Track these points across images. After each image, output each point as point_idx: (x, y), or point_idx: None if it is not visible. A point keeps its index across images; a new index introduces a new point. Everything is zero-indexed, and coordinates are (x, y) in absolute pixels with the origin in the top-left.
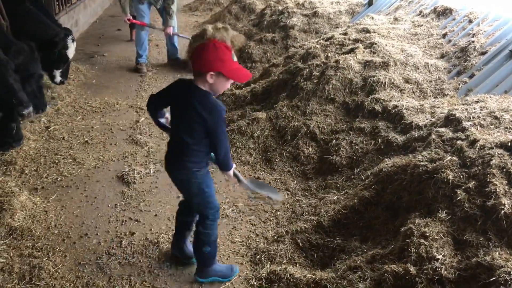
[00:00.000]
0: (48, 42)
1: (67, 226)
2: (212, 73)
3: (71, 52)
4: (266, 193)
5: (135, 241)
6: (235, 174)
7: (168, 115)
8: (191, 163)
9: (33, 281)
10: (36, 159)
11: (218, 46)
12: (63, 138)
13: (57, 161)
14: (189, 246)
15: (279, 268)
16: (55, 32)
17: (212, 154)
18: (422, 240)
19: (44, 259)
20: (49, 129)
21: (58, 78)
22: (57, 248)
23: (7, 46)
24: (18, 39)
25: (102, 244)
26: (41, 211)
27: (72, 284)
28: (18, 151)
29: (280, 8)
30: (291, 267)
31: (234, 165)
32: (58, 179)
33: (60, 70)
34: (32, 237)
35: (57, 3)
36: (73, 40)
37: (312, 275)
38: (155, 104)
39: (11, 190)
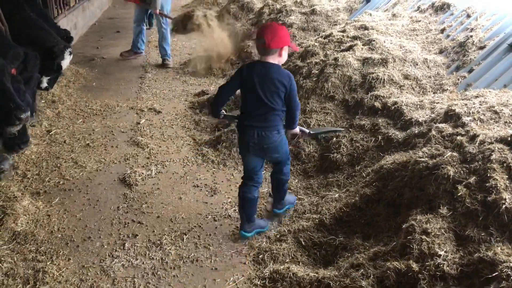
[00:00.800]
0: (47, 52)
1: (70, 229)
2: (286, 46)
3: (65, 63)
4: (330, 130)
5: (138, 243)
6: (300, 129)
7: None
8: (278, 126)
9: (37, 285)
10: (38, 163)
11: (279, 24)
12: (65, 141)
13: (59, 165)
14: (258, 219)
15: (282, 267)
16: (55, 41)
17: None
18: (424, 237)
19: (48, 263)
20: (50, 133)
21: (44, 84)
22: (60, 252)
23: (5, 50)
24: (18, 44)
25: (105, 246)
26: (44, 215)
27: (76, 287)
28: (20, 155)
29: (278, 6)
30: (294, 266)
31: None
32: (60, 182)
33: (49, 78)
34: (36, 241)
35: (55, 6)
36: (70, 53)
37: (315, 274)
38: (226, 95)
39: (14, 194)
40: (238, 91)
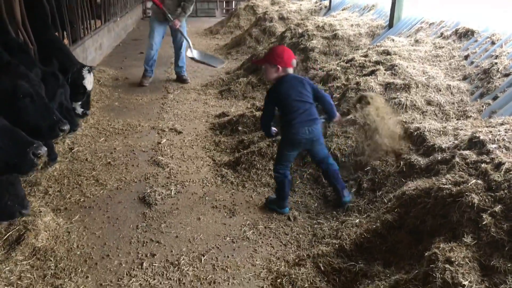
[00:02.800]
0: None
1: (89, 247)
2: None
3: (87, 82)
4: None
5: (155, 263)
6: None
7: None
8: (317, 116)
9: None
10: (59, 180)
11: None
12: (86, 159)
13: (80, 182)
14: None
15: None
16: (71, 64)
17: None
18: (447, 265)
19: (66, 280)
20: (72, 151)
21: (79, 110)
22: (79, 269)
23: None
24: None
25: (124, 265)
26: (64, 231)
27: None
28: (42, 172)
29: (300, 30)
30: None
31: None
32: (81, 200)
33: (80, 103)
34: (55, 258)
35: (82, 27)
36: (89, 71)
37: None
38: (272, 113)
39: (35, 210)
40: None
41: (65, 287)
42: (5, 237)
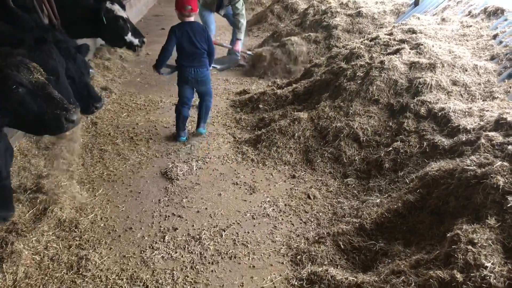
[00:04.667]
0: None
1: (112, 219)
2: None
3: (117, 9)
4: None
5: (177, 236)
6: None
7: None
8: (205, 62)
9: (80, 272)
10: (83, 154)
11: None
12: (109, 134)
13: (103, 156)
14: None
15: (320, 269)
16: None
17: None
18: (469, 247)
19: (90, 251)
20: (96, 125)
21: (135, 42)
22: (102, 241)
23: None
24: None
25: (146, 238)
26: (88, 204)
27: (117, 276)
28: (66, 146)
29: (323, 7)
30: (332, 268)
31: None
32: (104, 173)
33: (130, 34)
34: (79, 229)
35: None
36: (112, 3)
37: (354, 278)
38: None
39: (61, 183)
40: None
41: (90, 258)
42: (32, 209)
